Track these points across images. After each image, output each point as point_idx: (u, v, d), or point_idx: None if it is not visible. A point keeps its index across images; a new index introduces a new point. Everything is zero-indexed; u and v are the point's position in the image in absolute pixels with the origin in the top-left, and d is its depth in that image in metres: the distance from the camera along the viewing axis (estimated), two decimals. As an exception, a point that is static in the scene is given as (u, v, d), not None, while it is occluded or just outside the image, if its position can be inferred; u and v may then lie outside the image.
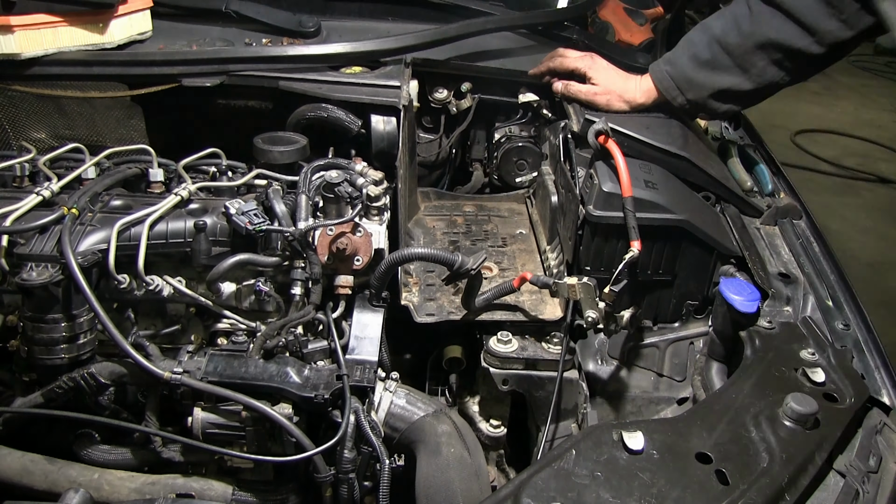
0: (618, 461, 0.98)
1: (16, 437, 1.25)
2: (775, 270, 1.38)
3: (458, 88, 1.87)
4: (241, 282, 1.36)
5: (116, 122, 1.72)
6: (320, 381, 1.22)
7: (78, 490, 1.07)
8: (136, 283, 1.27)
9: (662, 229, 1.35)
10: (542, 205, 1.73)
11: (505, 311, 1.45)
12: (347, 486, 1.21)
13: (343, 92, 1.63)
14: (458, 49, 1.85)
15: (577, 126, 1.54)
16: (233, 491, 1.22)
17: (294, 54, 1.71)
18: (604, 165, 1.39)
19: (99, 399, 1.24)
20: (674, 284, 1.41)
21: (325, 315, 1.36)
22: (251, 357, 1.23)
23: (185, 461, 1.25)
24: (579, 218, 1.38)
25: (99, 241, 1.23)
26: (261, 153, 1.49)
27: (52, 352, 1.20)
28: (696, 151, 1.49)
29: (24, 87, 1.63)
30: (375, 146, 1.63)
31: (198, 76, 1.64)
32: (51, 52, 1.61)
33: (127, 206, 1.32)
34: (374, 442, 1.19)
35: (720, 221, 1.47)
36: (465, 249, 1.67)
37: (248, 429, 1.20)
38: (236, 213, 1.29)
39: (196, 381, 1.18)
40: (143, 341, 1.28)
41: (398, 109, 1.57)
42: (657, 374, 1.43)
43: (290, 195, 1.40)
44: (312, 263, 1.34)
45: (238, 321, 1.36)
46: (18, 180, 1.40)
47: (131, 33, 1.75)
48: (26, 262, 1.17)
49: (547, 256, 1.61)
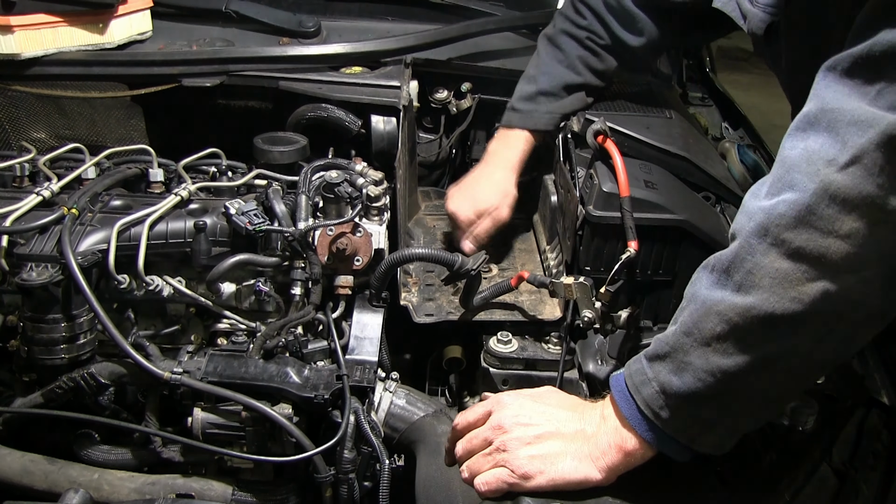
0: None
1: (16, 437, 1.25)
2: (775, 270, 1.37)
3: (458, 88, 1.87)
4: (240, 282, 1.36)
5: (116, 122, 1.72)
6: (320, 381, 1.22)
7: (78, 490, 1.07)
8: (136, 283, 1.27)
9: (662, 229, 1.35)
10: (542, 205, 1.73)
11: (504, 311, 1.45)
12: (347, 487, 1.21)
13: (343, 92, 1.63)
14: (458, 49, 1.85)
15: (576, 126, 1.53)
16: (233, 491, 1.22)
17: (294, 54, 1.71)
18: (603, 165, 1.39)
19: (99, 399, 1.24)
20: (674, 285, 1.41)
21: (325, 315, 1.36)
22: (251, 357, 1.23)
23: (185, 461, 1.25)
24: (579, 218, 1.38)
25: (99, 241, 1.23)
26: (261, 153, 1.49)
27: (51, 352, 1.20)
28: (696, 151, 1.49)
29: (24, 87, 1.63)
30: (375, 146, 1.63)
31: (198, 76, 1.65)
32: (51, 52, 1.61)
33: (127, 206, 1.32)
34: (373, 442, 1.19)
35: (720, 221, 1.47)
36: (465, 249, 1.67)
37: (248, 429, 1.20)
38: (236, 213, 1.29)
39: (196, 382, 1.18)
40: (143, 341, 1.28)
41: (398, 109, 1.57)
42: (657, 374, 1.42)
43: (290, 195, 1.40)
44: (312, 263, 1.34)
45: (238, 321, 1.36)
46: (18, 180, 1.40)
47: (131, 33, 1.75)
48: (26, 262, 1.17)
49: (546, 256, 1.61)
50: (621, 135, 1.44)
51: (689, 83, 2.02)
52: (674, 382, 0.86)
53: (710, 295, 0.84)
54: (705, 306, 0.84)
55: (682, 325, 0.87)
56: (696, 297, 0.87)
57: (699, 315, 0.85)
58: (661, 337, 0.90)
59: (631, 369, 0.92)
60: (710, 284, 0.86)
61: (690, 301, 0.88)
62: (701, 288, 0.87)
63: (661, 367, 0.88)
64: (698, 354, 0.84)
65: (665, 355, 0.88)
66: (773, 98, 1.52)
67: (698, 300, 0.86)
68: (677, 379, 0.86)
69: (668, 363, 0.87)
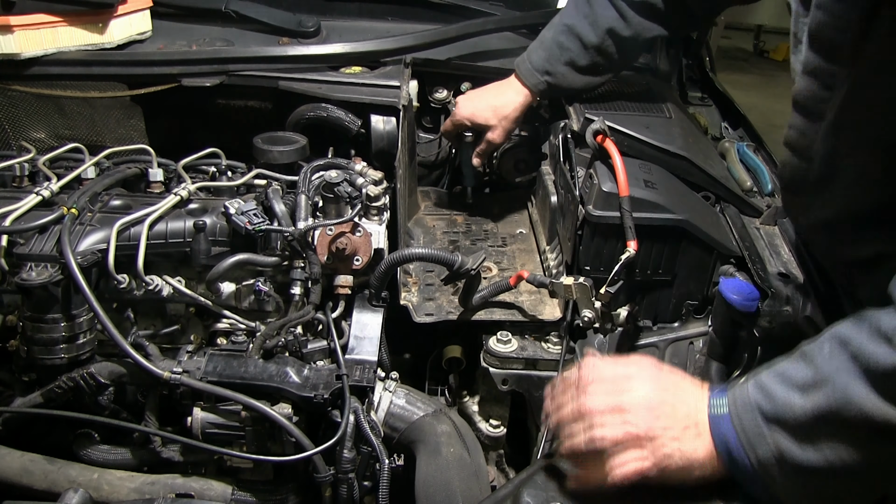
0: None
1: (16, 437, 1.25)
2: (775, 270, 1.37)
3: (458, 88, 1.87)
4: (240, 282, 1.36)
5: (116, 122, 1.72)
6: (320, 380, 1.22)
7: (77, 490, 1.07)
8: (136, 283, 1.27)
9: (662, 229, 1.34)
10: (542, 205, 1.73)
11: (504, 311, 1.45)
12: (347, 486, 1.21)
13: (343, 92, 1.63)
14: (458, 49, 1.85)
15: (576, 126, 1.53)
16: (232, 491, 1.22)
17: (294, 54, 1.71)
18: (603, 165, 1.39)
19: (99, 399, 1.24)
20: (673, 284, 1.41)
21: (325, 315, 1.36)
22: (251, 357, 1.23)
23: (185, 461, 1.26)
24: (579, 218, 1.38)
25: (98, 241, 1.23)
26: (260, 153, 1.49)
27: (51, 352, 1.20)
28: (696, 151, 1.49)
29: (24, 87, 1.63)
30: (375, 146, 1.63)
31: (197, 76, 1.65)
32: (51, 52, 1.61)
33: (127, 206, 1.32)
34: (373, 442, 1.19)
35: (720, 221, 1.47)
36: (465, 249, 1.68)
37: (248, 429, 1.20)
38: (236, 212, 1.29)
39: (195, 381, 1.18)
40: (143, 341, 1.28)
41: (398, 109, 1.57)
42: (657, 373, 1.42)
43: (290, 195, 1.40)
44: (312, 263, 1.34)
45: (238, 321, 1.36)
46: (18, 180, 1.40)
47: (131, 33, 1.76)
48: (26, 262, 1.18)
49: (546, 256, 1.61)
50: (621, 134, 1.44)
51: (689, 83, 2.01)
52: (796, 453, 0.85)
53: (854, 387, 0.81)
54: (847, 398, 0.81)
55: (816, 405, 0.84)
56: (835, 381, 0.83)
57: (838, 404, 0.82)
58: (783, 401, 0.87)
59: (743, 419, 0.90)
60: (855, 376, 0.82)
61: (827, 382, 0.84)
62: (842, 373, 0.83)
63: (781, 433, 0.87)
64: (827, 438, 0.83)
65: (788, 424, 0.86)
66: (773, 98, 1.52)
67: (838, 387, 0.82)
68: (800, 452, 0.85)
69: (792, 433, 0.86)
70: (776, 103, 1.27)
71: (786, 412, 0.86)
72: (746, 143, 1.80)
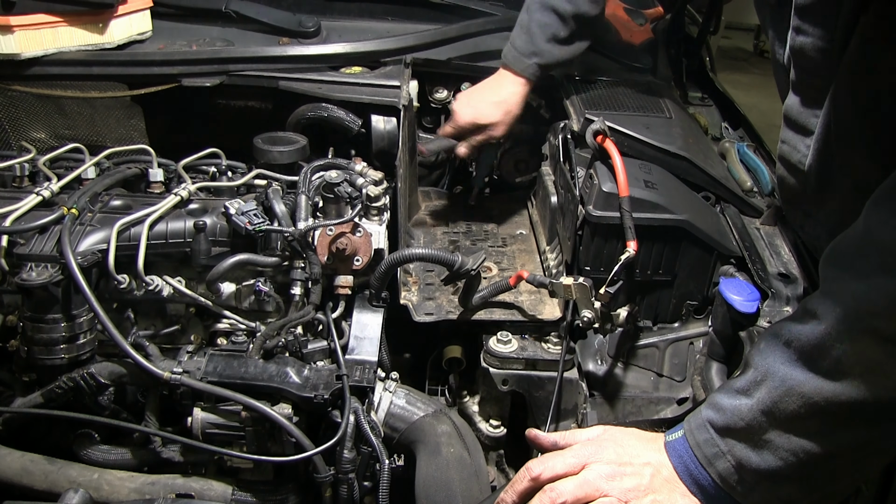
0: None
1: (16, 437, 1.25)
2: (775, 270, 1.38)
3: (458, 88, 1.87)
4: (240, 282, 1.36)
5: (116, 122, 1.72)
6: (320, 381, 1.22)
7: (78, 490, 1.07)
8: (136, 283, 1.27)
9: (662, 229, 1.35)
10: (542, 205, 1.73)
11: (504, 311, 1.45)
12: (347, 486, 1.21)
13: (343, 92, 1.63)
14: (458, 49, 1.85)
15: (577, 126, 1.53)
16: (232, 491, 1.22)
17: (294, 54, 1.71)
18: (603, 165, 1.39)
19: (99, 399, 1.24)
20: (673, 284, 1.41)
21: (325, 315, 1.36)
22: (251, 357, 1.23)
23: (185, 461, 1.25)
24: (579, 218, 1.38)
25: (99, 241, 1.23)
26: (261, 153, 1.49)
27: (51, 352, 1.20)
28: (696, 151, 1.49)
29: (24, 87, 1.63)
30: (375, 146, 1.63)
31: (198, 76, 1.65)
32: (51, 52, 1.61)
33: (127, 206, 1.32)
34: (373, 442, 1.19)
35: (720, 221, 1.47)
36: (465, 249, 1.68)
37: (248, 429, 1.20)
38: (236, 213, 1.29)
39: (196, 382, 1.18)
40: (143, 341, 1.28)
41: (398, 109, 1.57)
42: (657, 374, 1.42)
43: (290, 195, 1.40)
44: (312, 263, 1.34)
45: (238, 321, 1.36)
46: (18, 180, 1.40)
47: (131, 33, 1.76)
48: (26, 262, 1.18)
49: (546, 257, 1.61)
50: (621, 134, 1.44)
51: (689, 83, 2.01)
52: (752, 459, 0.84)
53: (790, 374, 0.82)
54: (786, 385, 0.81)
55: (760, 402, 0.83)
56: (773, 373, 0.84)
57: (779, 394, 0.82)
58: (731, 408, 0.86)
59: (697, 438, 0.89)
60: (789, 362, 0.82)
61: (766, 376, 0.84)
62: (777, 363, 0.83)
63: (735, 441, 0.85)
64: (778, 434, 0.83)
65: (740, 430, 0.85)
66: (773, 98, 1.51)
67: (776, 378, 0.83)
68: (756, 456, 0.84)
69: (745, 439, 0.85)
70: (776, 103, 1.26)
71: (735, 419, 0.86)
72: (746, 144, 1.80)
